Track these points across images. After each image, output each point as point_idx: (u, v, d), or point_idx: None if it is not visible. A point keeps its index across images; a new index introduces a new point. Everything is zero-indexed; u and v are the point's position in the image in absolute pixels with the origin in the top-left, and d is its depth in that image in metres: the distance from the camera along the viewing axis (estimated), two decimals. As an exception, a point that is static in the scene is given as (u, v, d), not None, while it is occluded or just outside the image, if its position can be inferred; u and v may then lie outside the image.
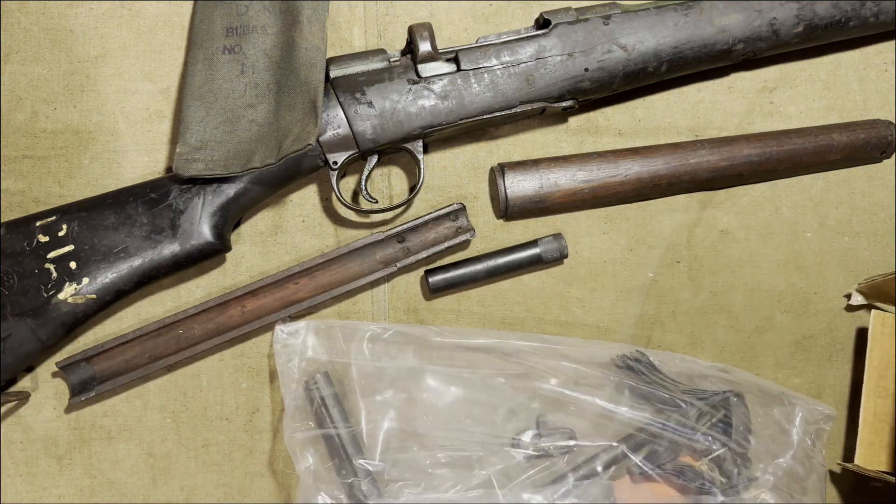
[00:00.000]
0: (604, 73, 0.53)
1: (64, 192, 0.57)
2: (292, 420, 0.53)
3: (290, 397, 0.53)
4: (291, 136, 0.50)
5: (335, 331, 0.55)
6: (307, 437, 0.53)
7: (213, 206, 0.51)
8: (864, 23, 0.55)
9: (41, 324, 0.51)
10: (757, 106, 0.60)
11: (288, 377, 0.54)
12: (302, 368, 0.54)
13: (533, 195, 0.56)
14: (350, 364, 0.54)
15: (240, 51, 0.51)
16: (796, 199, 0.60)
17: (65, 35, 0.58)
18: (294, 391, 0.54)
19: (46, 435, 0.57)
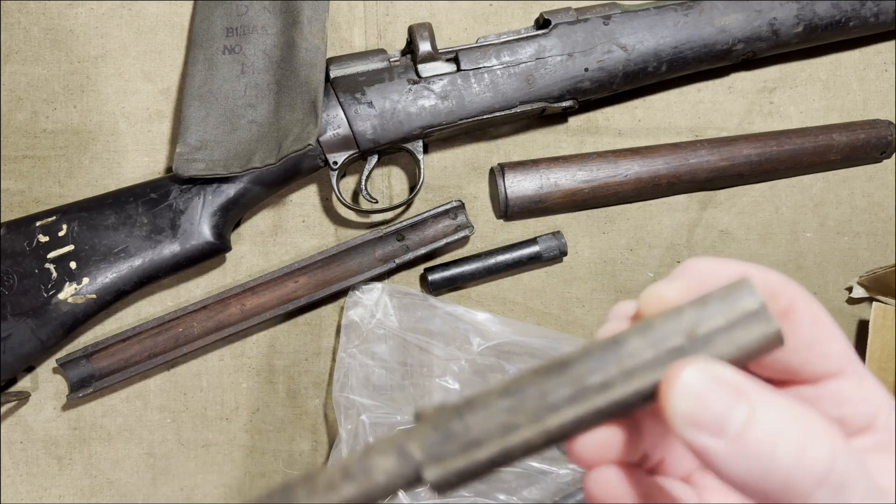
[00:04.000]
0: (604, 73, 0.53)
1: (64, 193, 0.57)
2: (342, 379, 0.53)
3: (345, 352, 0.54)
4: (291, 137, 0.50)
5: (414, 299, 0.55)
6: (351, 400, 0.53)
7: (214, 206, 0.51)
8: (864, 23, 0.55)
9: (41, 324, 0.51)
10: (757, 106, 0.60)
11: (351, 329, 0.54)
12: (369, 326, 0.54)
13: (533, 195, 0.56)
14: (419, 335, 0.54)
15: (240, 51, 0.51)
16: (796, 199, 0.60)
17: (65, 35, 0.58)
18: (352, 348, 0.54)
19: (46, 435, 0.57)
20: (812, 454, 0.17)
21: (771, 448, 0.17)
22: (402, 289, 0.56)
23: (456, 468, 0.19)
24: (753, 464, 0.17)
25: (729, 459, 0.18)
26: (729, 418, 0.18)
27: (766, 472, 0.17)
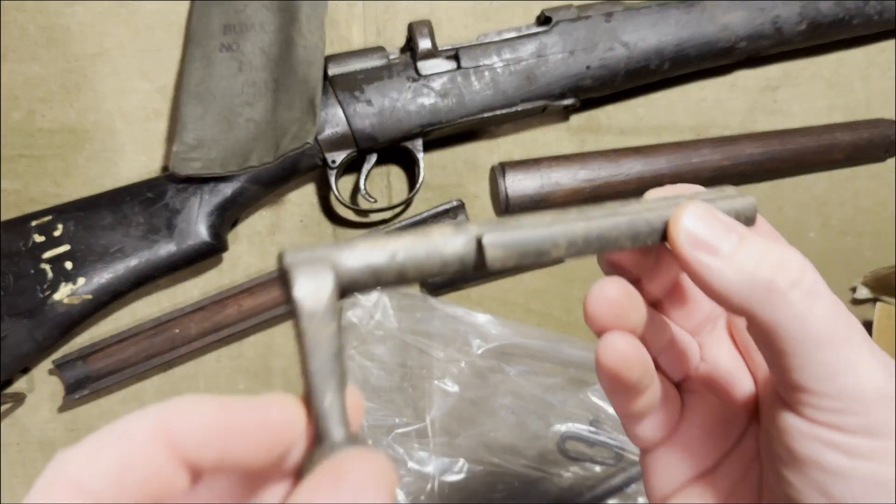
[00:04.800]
0: (605, 71, 0.53)
1: (60, 192, 0.57)
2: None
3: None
4: (289, 135, 0.49)
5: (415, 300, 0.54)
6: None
7: (210, 205, 0.51)
8: (867, 20, 0.55)
9: (37, 324, 0.50)
10: (760, 104, 0.59)
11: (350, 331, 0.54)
12: (368, 328, 0.54)
13: (534, 194, 0.56)
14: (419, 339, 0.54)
15: (237, 48, 0.51)
16: (799, 198, 0.59)
17: (62, 33, 0.57)
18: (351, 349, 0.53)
19: (43, 436, 0.57)
20: (788, 264, 0.22)
21: (756, 264, 0.22)
22: (402, 289, 0.56)
23: (513, 237, 0.21)
24: (741, 276, 0.22)
25: (722, 273, 0.22)
26: (723, 242, 0.22)
27: (752, 280, 0.22)
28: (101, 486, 0.18)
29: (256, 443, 0.19)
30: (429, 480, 0.52)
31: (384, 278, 0.20)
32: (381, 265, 0.21)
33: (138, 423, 0.19)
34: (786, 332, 0.22)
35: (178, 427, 0.19)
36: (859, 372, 0.22)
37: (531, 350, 0.54)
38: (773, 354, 0.23)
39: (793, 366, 0.22)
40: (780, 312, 0.22)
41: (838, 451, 0.22)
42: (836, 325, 0.22)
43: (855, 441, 0.22)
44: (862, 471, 0.22)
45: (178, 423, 0.19)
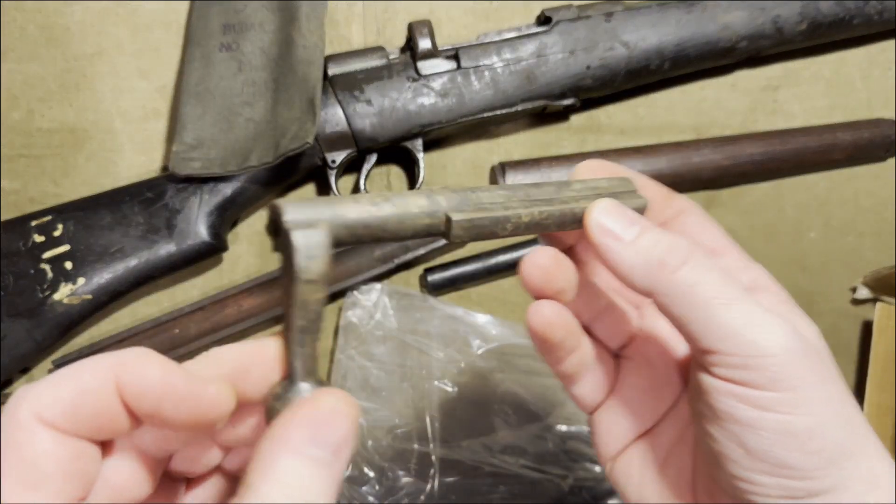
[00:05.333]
0: (606, 71, 0.53)
1: (59, 192, 0.56)
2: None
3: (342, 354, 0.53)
4: (289, 135, 0.49)
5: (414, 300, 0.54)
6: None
7: (210, 205, 0.51)
8: (868, 20, 0.55)
9: (37, 325, 0.50)
10: (760, 104, 0.59)
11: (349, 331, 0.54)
12: (368, 328, 0.54)
13: (534, 194, 0.55)
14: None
15: (237, 48, 0.51)
16: (800, 198, 0.59)
17: (61, 33, 0.57)
18: (350, 349, 0.53)
19: (42, 437, 0.56)
20: (678, 247, 0.25)
21: (651, 248, 0.26)
22: (402, 289, 0.56)
23: (473, 217, 0.25)
24: (640, 258, 0.26)
25: (623, 255, 0.26)
26: (626, 232, 0.26)
27: (648, 261, 0.25)
28: (58, 416, 0.21)
29: (186, 409, 0.22)
30: (429, 480, 0.52)
31: (363, 238, 0.23)
32: (363, 228, 0.23)
33: (94, 365, 0.22)
34: (682, 301, 0.25)
35: (126, 375, 0.22)
36: (756, 330, 0.24)
37: (531, 350, 0.54)
38: (679, 324, 0.26)
39: (695, 332, 0.25)
40: (674, 286, 0.25)
41: (748, 405, 0.24)
42: (726, 292, 0.25)
43: (761, 394, 0.24)
44: (771, 422, 0.24)
45: (127, 371, 0.22)
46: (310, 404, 0.21)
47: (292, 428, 0.21)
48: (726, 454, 0.25)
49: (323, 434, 0.21)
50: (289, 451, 0.20)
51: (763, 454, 0.24)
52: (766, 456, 0.24)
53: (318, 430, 0.21)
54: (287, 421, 0.21)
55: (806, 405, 0.24)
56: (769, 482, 0.25)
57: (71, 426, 0.21)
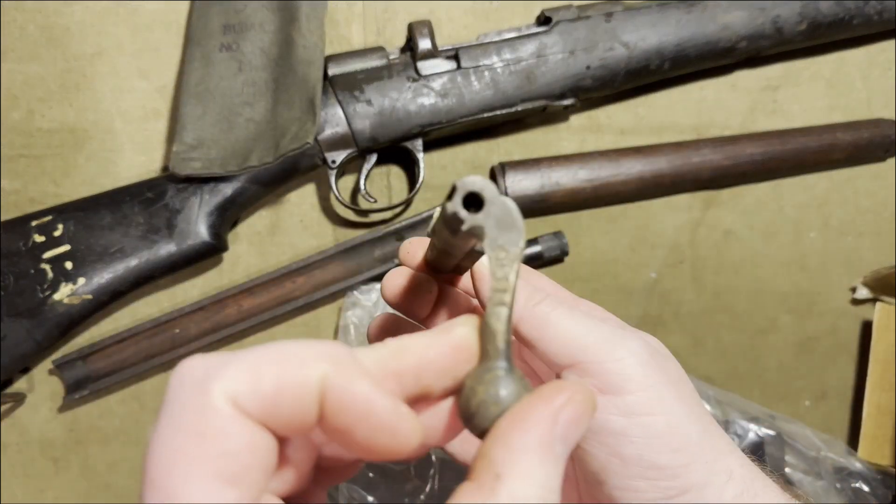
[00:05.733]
0: (606, 71, 0.53)
1: (60, 192, 0.56)
2: None
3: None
4: (289, 135, 0.49)
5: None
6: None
7: (210, 205, 0.51)
8: (867, 20, 0.55)
9: (37, 324, 0.50)
10: (760, 104, 0.59)
11: (350, 331, 0.53)
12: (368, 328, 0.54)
13: (534, 194, 0.55)
14: None
15: (237, 48, 0.51)
16: (800, 198, 0.59)
17: (61, 33, 0.57)
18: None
19: (42, 437, 0.56)
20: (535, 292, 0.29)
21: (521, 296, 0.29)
22: None
23: None
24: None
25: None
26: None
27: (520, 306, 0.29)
28: (256, 407, 0.18)
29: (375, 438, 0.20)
30: (428, 480, 0.52)
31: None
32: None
33: (302, 356, 0.19)
34: (544, 327, 0.27)
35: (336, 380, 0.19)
36: (608, 338, 0.27)
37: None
38: (542, 349, 0.28)
39: (556, 351, 0.27)
40: (536, 317, 0.28)
41: (616, 414, 0.26)
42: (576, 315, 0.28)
43: (623, 400, 0.26)
44: (637, 427, 0.26)
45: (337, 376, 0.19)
46: (564, 396, 0.21)
47: (545, 423, 0.20)
48: (606, 467, 0.27)
49: (571, 431, 0.21)
50: (540, 447, 0.20)
51: (637, 460, 0.27)
52: (640, 461, 0.26)
53: (570, 428, 0.21)
54: (539, 413, 0.20)
55: (661, 404, 0.27)
56: (645, 486, 0.27)
57: (266, 418, 0.19)
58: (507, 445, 0.20)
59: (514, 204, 0.22)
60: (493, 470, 0.20)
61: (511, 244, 0.22)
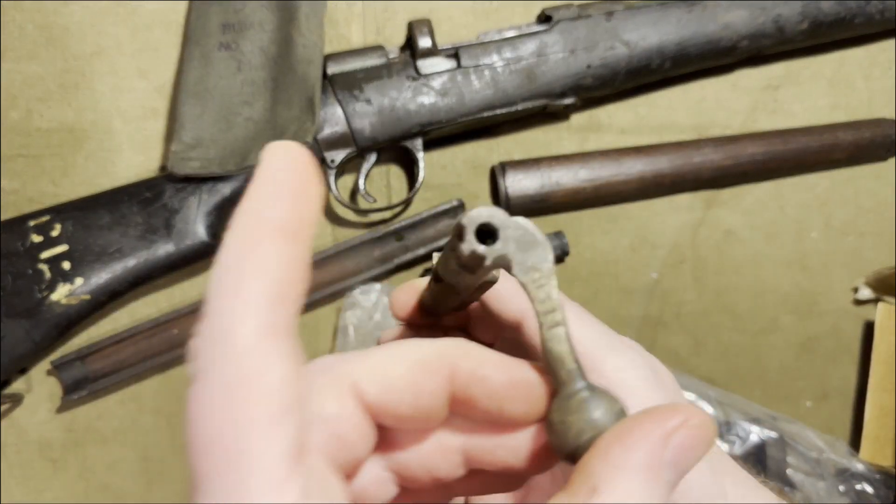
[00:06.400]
0: (606, 70, 0.52)
1: (58, 192, 0.56)
2: None
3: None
4: (288, 134, 0.49)
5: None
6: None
7: (209, 205, 0.51)
8: (869, 19, 0.55)
9: (35, 325, 0.50)
10: (761, 103, 0.59)
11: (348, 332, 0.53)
12: (367, 328, 0.53)
13: (534, 194, 0.55)
14: None
15: (236, 47, 0.51)
16: (801, 198, 0.59)
17: (60, 32, 0.57)
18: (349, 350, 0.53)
19: (40, 437, 0.56)
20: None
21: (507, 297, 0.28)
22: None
23: None
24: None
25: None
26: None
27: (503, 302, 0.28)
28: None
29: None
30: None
31: None
32: None
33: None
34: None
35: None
36: (607, 348, 0.27)
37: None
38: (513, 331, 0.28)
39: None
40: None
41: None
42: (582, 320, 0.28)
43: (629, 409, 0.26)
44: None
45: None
46: (679, 419, 0.19)
47: (654, 444, 0.19)
48: None
49: (683, 459, 0.19)
50: (646, 469, 0.19)
51: None
52: None
53: (682, 455, 0.19)
54: (647, 432, 0.19)
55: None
56: None
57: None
58: (607, 460, 0.19)
59: (528, 220, 0.21)
60: (590, 482, 0.19)
61: (541, 261, 0.21)
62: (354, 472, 0.21)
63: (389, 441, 0.22)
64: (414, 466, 0.22)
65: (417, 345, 0.21)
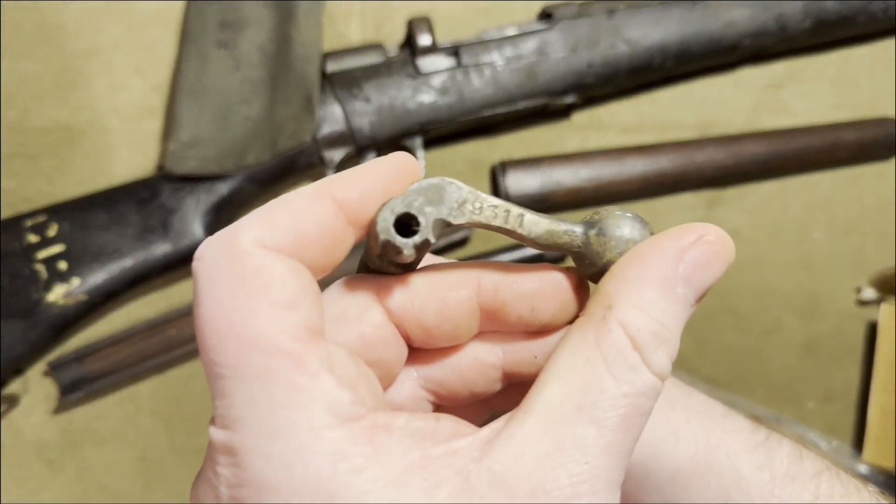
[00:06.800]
0: (608, 69, 0.52)
1: (54, 191, 0.56)
2: None
3: None
4: (287, 133, 0.49)
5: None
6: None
7: (206, 204, 0.50)
8: (872, 18, 0.54)
9: (31, 326, 0.50)
10: (764, 102, 0.59)
11: None
12: None
13: (535, 194, 0.55)
14: None
15: (234, 46, 0.50)
16: (804, 197, 0.59)
17: (56, 31, 0.57)
18: None
19: (37, 439, 0.56)
20: None
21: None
22: None
23: None
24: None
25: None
26: None
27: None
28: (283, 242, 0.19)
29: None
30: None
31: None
32: None
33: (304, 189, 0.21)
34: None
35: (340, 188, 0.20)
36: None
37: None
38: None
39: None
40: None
41: None
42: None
43: None
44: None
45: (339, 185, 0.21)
46: (694, 235, 0.20)
47: (668, 259, 0.19)
48: None
49: (698, 274, 0.19)
50: (660, 282, 0.19)
51: None
52: None
53: (697, 270, 0.19)
54: (662, 249, 0.20)
55: None
56: None
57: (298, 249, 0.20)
58: (623, 279, 0.19)
59: (417, 183, 0.21)
60: (606, 302, 0.19)
61: (458, 196, 0.21)
62: (387, 383, 0.22)
63: (426, 359, 0.23)
64: (452, 383, 0.23)
65: (438, 266, 0.22)
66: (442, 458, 0.18)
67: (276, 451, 0.17)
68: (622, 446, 0.18)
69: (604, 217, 0.21)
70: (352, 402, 0.18)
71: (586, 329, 0.19)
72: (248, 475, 0.17)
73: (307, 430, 0.17)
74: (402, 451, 0.18)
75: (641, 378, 0.18)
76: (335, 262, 0.21)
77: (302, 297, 0.19)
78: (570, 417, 0.18)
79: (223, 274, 0.18)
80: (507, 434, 0.18)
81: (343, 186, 0.20)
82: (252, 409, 0.17)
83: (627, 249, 0.21)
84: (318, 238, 0.20)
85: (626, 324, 0.19)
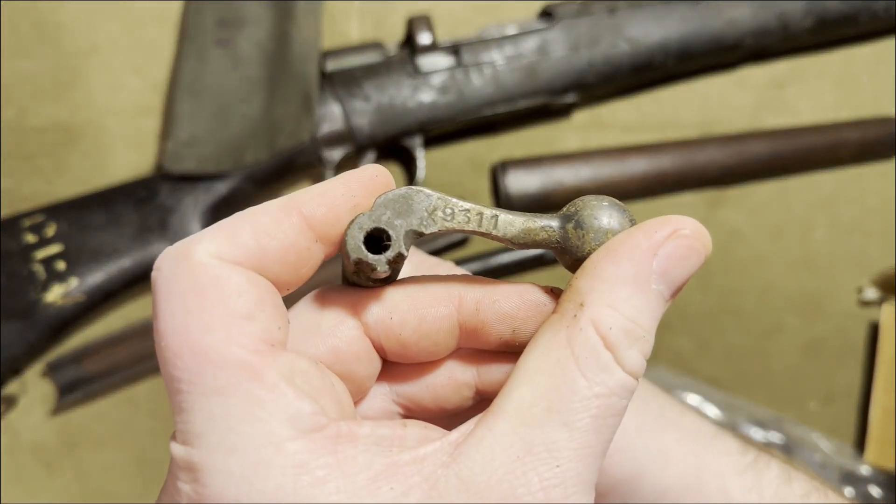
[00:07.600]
0: (609, 67, 0.52)
1: (52, 190, 0.56)
2: None
3: None
4: (285, 132, 0.48)
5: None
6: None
7: (204, 204, 0.50)
8: (874, 16, 0.54)
9: (29, 326, 0.50)
10: (766, 101, 0.59)
11: None
12: None
13: (536, 193, 0.55)
14: None
15: (232, 44, 0.50)
16: (806, 197, 0.59)
17: (54, 29, 0.56)
18: None
19: (35, 440, 0.56)
20: None
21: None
22: None
23: None
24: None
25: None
26: None
27: None
28: (238, 255, 0.19)
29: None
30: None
31: None
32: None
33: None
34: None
35: (308, 204, 0.20)
36: None
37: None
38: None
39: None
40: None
41: None
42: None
43: None
44: None
45: (306, 201, 0.20)
46: (668, 229, 0.19)
47: (642, 255, 0.19)
48: None
49: (673, 269, 0.19)
50: (633, 279, 0.19)
51: None
52: None
53: (671, 265, 0.19)
54: (635, 244, 0.19)
55: None
56: None
57: (259, 263, 0.19)
58: (595, 276, 0.19)
59: (384, 195, 0.21)
60: (578, 299, 0.19)
61: (427, 204, 0.21)
62: (359, 398, 0.22)
63: (399, 374, 0.22)
64: (424, 399, 0.22)
65: (420, 279, 0.22)
66: (409, 464, 0.17)
67: (235, 467, 0.17)
68: (595, 448, 0.18)
69: (580, 208, 0.21)
70: (313, 412, 0.18)
71: (557, 328, 0.19)
72: (208, 492, 0.17)
73: (267, 443, 0.17)
74: (368, 460, 0.17)
75: (614, 378, 0.18)
76: (301, 278, 0.21)
77: (260, 308, 0.19)
78: (541, 419, 0.18)
79: (179, 286, 0.18)
80: (477, 437, 0.18)
81: (310, 202, 0.20)
82: (210, 424, 0.17)
83: (607, 240, 0.20)
84: (280, 254, 0.19)
85: (597, 322, 0.18)
